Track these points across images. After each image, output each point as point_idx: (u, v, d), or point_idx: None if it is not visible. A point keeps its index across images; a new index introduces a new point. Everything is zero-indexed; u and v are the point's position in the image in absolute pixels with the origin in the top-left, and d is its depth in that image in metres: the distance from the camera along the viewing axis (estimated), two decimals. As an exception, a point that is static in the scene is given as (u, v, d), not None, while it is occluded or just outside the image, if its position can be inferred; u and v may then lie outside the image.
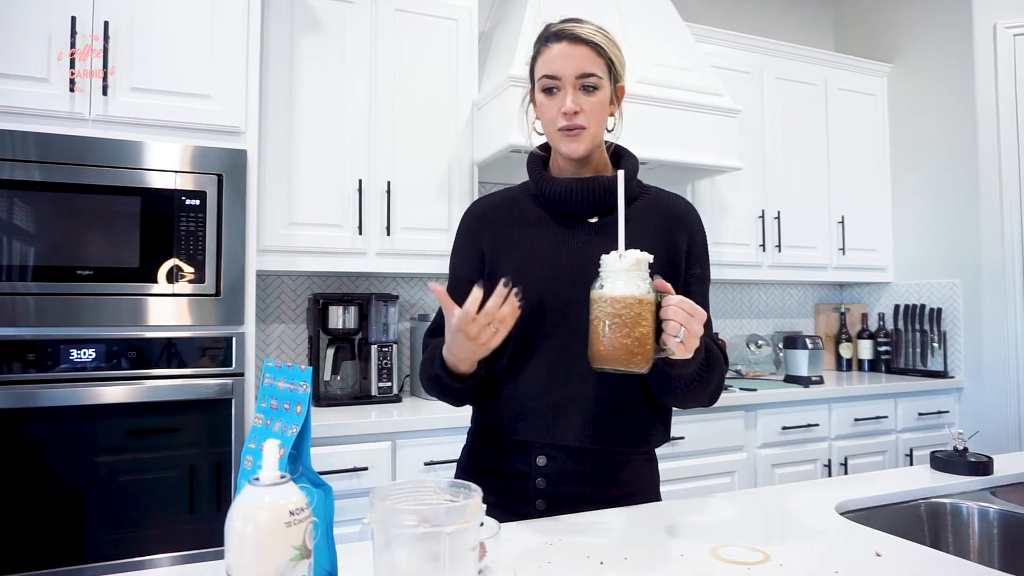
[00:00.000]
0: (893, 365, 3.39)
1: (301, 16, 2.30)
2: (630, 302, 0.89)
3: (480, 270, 1.17)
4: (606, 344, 0.90)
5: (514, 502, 1.10)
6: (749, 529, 0.97)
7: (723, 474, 2.59)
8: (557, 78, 1.10)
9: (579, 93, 1.09)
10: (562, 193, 1.13)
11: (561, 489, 1.09)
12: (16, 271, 1.69)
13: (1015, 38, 2.99)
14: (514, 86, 2.27)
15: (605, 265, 0.93)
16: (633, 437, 1.10)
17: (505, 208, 1.20)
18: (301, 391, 0.75)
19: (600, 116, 1.12)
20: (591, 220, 1.14)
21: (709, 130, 2.66)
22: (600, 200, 1.12)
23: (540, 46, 1.14)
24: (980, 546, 1.17)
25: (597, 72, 1.09)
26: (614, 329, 0.89)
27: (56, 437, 1.71)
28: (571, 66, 1.09)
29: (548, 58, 1.11)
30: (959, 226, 3.14)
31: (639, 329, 0.89)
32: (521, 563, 0.84)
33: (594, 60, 1.10)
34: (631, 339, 0.89)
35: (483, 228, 1.19)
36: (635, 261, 0.90)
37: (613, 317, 0.89)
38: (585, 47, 1.09)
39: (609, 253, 0.93)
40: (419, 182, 2.44)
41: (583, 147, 1.11)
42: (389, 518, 0.67)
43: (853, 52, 3.57)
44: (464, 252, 1.21)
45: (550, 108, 1.12)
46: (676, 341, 0.90)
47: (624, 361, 0.90)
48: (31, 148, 1.72)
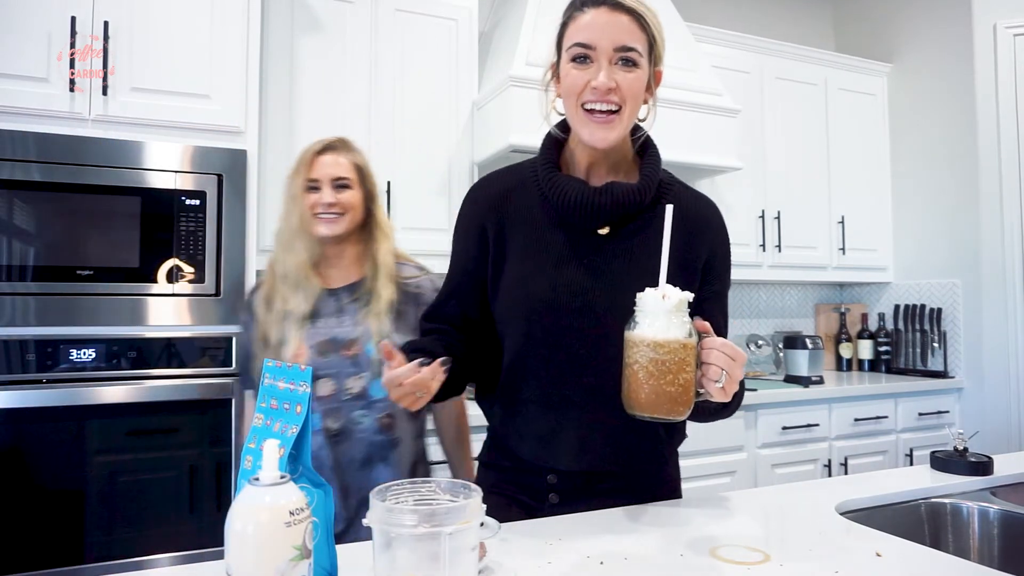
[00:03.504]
0: (893, 365, 3.39)
1: (301, 16, 2.30)
2: (675, 347, 0.82)
3: (484, 254, 1.09)
4: (647, 392, 0.83)
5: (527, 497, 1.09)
6: (749, 529, 0.97)
7: (723, 474, 2.59)
8: (591, 47, 0.94)
9: (615, 68, 0.95)
10: (572, 201, 1.01)
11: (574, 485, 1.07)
12: (16, 271, 1.69)
13: (1015, 38, 2.99)
14: (514, 86, 2.27)
15: (643, 304, 0.85)
16: (635, 457, 1.07)
17: (513, 198, 1.09)
18: (301, 391, 0.75)
19: (636, 99, 0.98)
20: (601, 232, 1.05)
21: (709, 130, 2.65)
22: (613, 212, 1.02)
23: (573, 11, 0.99)
24: (980, 546, 1.17)
25: (638, 47, 0.95)
26: (657, 376, 0.83)
27: (56, 437, 1.71)
28: (609, 36, 0.94)
29: (582, 24, 0.96)
30: (959, 226, 3.14)
31: (683, 375, 0.83)
32: (521, 563, 0.84)
33: (636, 33, 0.95)
34: (675, 387, 0.83)
35: (488, 215, 1.09)
36: (678, 302, 0.83)
37: (656, 363, 0.82)
38: (627, 16, 0.95)
39: (645, 291, 0.85)
40: (419, 182, 2.44)
41: (613, 136, 0.98)
42: (389, 518, 0.67)
43: (853, 52, 3.56)
44: (463, 238, 1.12)
45: (577, 79, 0.96)
46: (718, 387, 0.84)
47: (666, 410, 0.84)
48: (31, 148, 1.72)
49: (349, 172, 1.44)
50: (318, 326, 1.40)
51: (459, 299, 1.12)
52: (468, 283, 1.12)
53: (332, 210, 1.40)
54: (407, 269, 1.49)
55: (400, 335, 1.38)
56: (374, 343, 1.37)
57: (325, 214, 1.41)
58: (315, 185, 1.42)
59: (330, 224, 1.41)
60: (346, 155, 1.45)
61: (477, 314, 1.11)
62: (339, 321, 1.41)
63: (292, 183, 1.44)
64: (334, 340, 1.39)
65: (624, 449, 1.06)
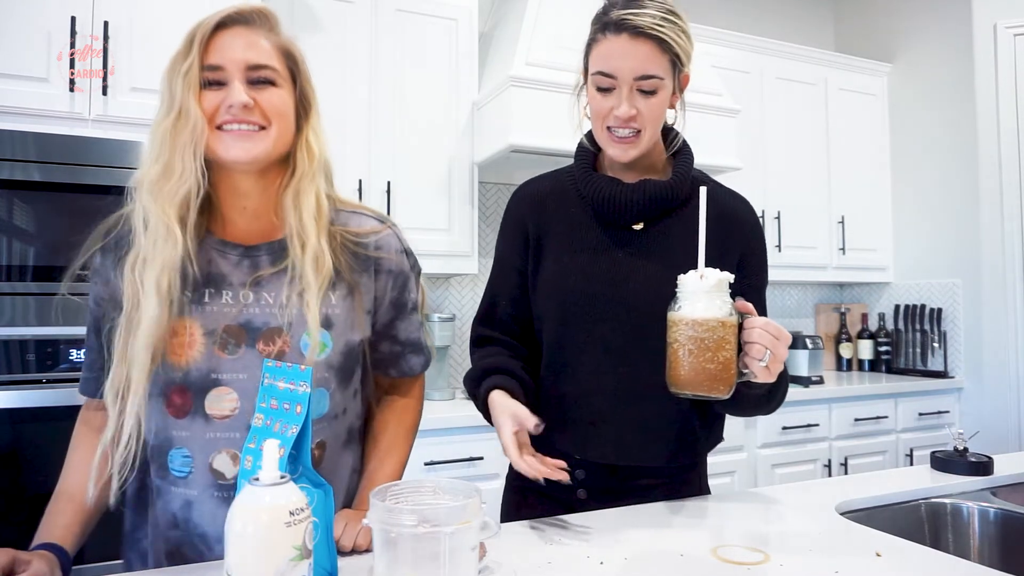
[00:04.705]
0: (893, 365, 3.39)
1: (301, 16, 2.30)
2: (713, 325, 0.84)
3: (525, 255, 1.14)
4: (687, 369, 0.85)
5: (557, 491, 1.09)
6: (749, 529, 0.97)
7: (723, 474, 2.59)
8: (613, 77, 0.99)
9: (636, 95, 0.99)
10: (607, 197, 1.06)
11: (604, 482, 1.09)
12: (16, 271, 1.69)
13: (1015, 38, 2.99)
14: (514, 86, 2.27)
15: (683, 285, 0.88)
16: (672, 452, 1.09)
17: (552, 200, 1.14)
18: (301, 391, 0.75)
19: (657, 119, 1.03)
20: (635, 227, 1.08)
21: (709, 130, 2.65)
22: (646, 207, 1.06)
23: (597, 33, 1.02)
24: (980, 546, 1.17)
25: (659, 73, 0.98)
26: (696, 354, 0.85)
27: (56, 437, 1.70)
28: (629, 66, 0.98)
29: (605, 52, 0.99)
30: (959, 226, 3.14)
31: (723, 353, 0.85)
32: (521, 563, 0.84)
33: (657, 59, 0.98)
34: (715, 364, 0.84)
35: (529, 215, 1.14)
36: (717, 282, 0.86)
37: (695, 341, 0.85)
38: (648, 44, 0.97)
39: (687, 272, 0.88)
40: (419, 182, 2.44)
41: (634, 153, 1.04)
42: (389, 518, 0.67)
43: (853, 52, 3.56)
44: (510, 238, 1.17)
45: (602, 106, 1.02)
46: (761, 366, 0.86)
47: (706, 387, 0.85)
48: (31, 148, 1.72)
49: (274, 59, 0.89)
50: (217, 304, 0.90)
51: (509, 299, 1.16)
52: (516, 280, 1.16)
53: (248, 118, 0.86)
54: (362, 221, 1.00)
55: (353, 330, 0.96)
56: (311, 336, 0.89)
57: (235, 125, 0.85)
58: (218, 78, 0.86)
59: (244, 142, 0.86)
60: (267, 34, 0.91)
61: (528, 313, 1.15)
62: (255, 298, 0.91)
63: (174, 71, 0.85)
64: (247, 327, 0.90)
65: (662, 443, 1.07)
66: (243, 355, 0.89)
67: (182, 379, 0.88)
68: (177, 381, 0.88)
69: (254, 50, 0.88)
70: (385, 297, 1.01)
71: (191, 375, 0.88)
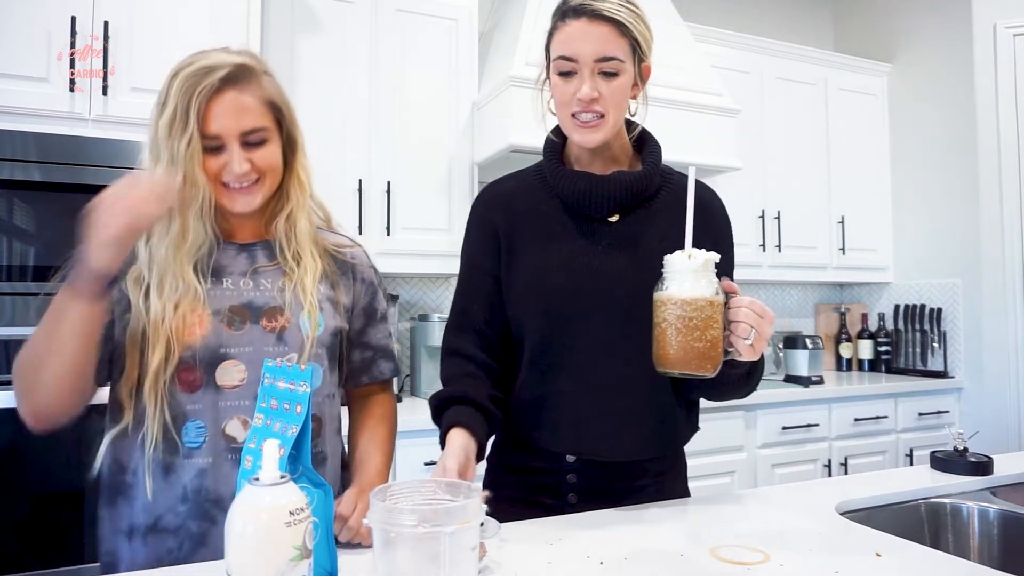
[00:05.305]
0: (893, 365, 3.39)
1: (301, 16, 2.30)
2: (700, 304, 0.85)
3: (497, 258, 1.12)
4: (675, 348, 0.86)
5: (545, 497, 1.09)
6: (749, 529, 0.97)
7: (723, 474, 2.59)
8: (574, 60, 1.00)
9: (597, 78, 1.00)
10: (582, 191, 1.06)
11: (593, 483, 1.08)
12: (16, 271, 1.69)
13: (1015, 38, 2.99)
14: (514, 86, 2.27)
15: (671, 265, 0.89)
16: (661, 443, 1.09)
17: (520, 199, 1.13)
18: (301, 391, 0.75)
19: (620, 103, 1.04)
20: (611, 219, 1.09)
21: (709, 130, 2.65)
22: (621, 199, 1.06)
23: (557, 20, 1.03)
24: (980, 546, 1.17)
25: (619, 55, 1.00)
26: (684, 332, 0.85)
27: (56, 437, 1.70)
28: (589, 48, 0.99)
29: (565, 37, 1.01)
30: (959, 226, 3.14)
31: (710, 332, 0.86)
32: (521, 563, 0.84)
33: (616, 41, 0.99)
34: (703, 343, 0.85)
35: (497, 216, 1.13)
36: (704, 261, 0.87)
37: (683, 320, 0.85)
38: (607, 26, 0.99)
39: (673, 253, 0.89)
40: (419, 182, 2.44)
41: (599, 137, 1.04)
42: (389, 518, 0.67)
43: (853, 52, 3.56)
44: (479, 241, 1.14)
45: (564, 92, 1.03)
46: (746, 344, 0.87)
47: (694, 365, 0.86)
48: (31, 148, 1.72)
49: (263, 118, 0.97)
50: (219, 289, 0.99)
51: (482, 304, 1.13)
52: (488, 284, 1.13)
53: (245, 180, 0.97)
54: (338, 238, 1.15)
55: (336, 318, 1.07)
56: (307, 316, 1.00)
57: (236, 184, 0.97)
58: (217, 144, 0.95)
59: (245, 196, 0.98)
60: (253, 91, 0.96)
61: (501, 315, 1.13)
62: (254, 285, 1.01)
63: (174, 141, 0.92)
64: (249, 307, 0.99)
65: (652, 435, 1.08)
66: (248, 330, 0.98)
67: (190, 357, 0.95)
68: (186, 360, 0.95)
69: (247, 116, 0.96)
70: (359, 303, 1.13)
71: (200, 352, 0.95)
